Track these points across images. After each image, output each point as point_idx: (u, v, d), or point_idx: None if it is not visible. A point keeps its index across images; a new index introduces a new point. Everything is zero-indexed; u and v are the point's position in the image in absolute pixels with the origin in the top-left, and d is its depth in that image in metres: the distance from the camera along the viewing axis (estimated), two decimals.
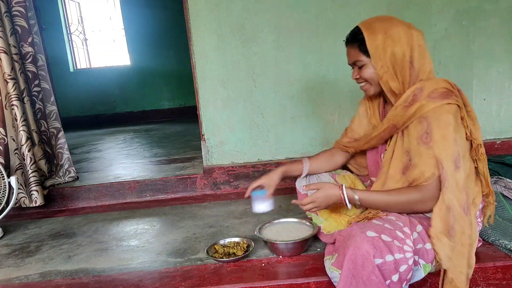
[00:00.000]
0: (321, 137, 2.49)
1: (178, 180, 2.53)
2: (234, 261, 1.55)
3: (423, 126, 1.27)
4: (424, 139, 1.26)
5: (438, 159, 1.23)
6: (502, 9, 2.34)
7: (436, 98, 1.25)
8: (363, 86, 1.43)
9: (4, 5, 2.29)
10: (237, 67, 2.40)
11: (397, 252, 1.15)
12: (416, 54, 1.30)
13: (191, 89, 2.59)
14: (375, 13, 2.29)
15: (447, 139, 1.23)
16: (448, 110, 1.24)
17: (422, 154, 1.27)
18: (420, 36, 1.31)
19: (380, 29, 1.30)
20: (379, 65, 1.32)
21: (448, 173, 1.22)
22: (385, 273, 1.14)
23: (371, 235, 1.16)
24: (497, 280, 1.39)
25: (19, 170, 2.39)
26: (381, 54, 1.30)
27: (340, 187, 1.36)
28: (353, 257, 1.14)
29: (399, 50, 1.29)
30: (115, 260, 1.70)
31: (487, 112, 2.46)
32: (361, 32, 1.33)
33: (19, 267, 1.72)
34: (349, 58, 1.41)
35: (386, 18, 1.35)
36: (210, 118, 2.46)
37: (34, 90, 2.51)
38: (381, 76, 1.33)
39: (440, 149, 1.23)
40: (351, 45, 1.37)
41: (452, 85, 1.29)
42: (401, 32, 1.29)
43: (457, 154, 1.22)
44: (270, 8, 2.33)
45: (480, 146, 1.30)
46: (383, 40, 1.29)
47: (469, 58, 2.40)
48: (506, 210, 1.74)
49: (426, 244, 1.26)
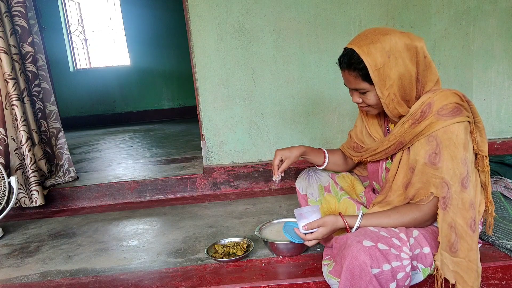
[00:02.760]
0: (321, 137, 2.49)
1: (178, 180, 2.53)
2: (234, 261, 1.55)
3: (432, 145, 1.20)
4: (433, 159, 1.20)
5: (445, 180, 1.18)
6: (502, 9, 2.34)
7: (446, 115, 1.17)
8: (365, 108, 1.33)
9: (4, 5, 2.29)
10: (237, 67, 2.40)
11: (394, 260, 1.14)
12: (422, 68, 1.21)
13: (191, 89, 2.59)
14: (374, 13, 2.33)
15: (457, 160, 1.17)
16: (459, 129, 1.16)
17: (427, 173, 1.22)
18: (424, 47, 1.20)
19: (381, 53, 1.17)
20: (385, 94, 1.21)
21: (453, 194, 1.17)
22: (382, 282, 1.13)
23: (368, 245, 1.14)
24: (497, 280, 1.39)
25: (19, 170, 2.39)
26: (387, 82, 1.19)
27: (342, 218, 1.29)
28: (351, 267, 1.13)
29: (405, 72, 1.19)
30: (115, 260, 1.70)
31: (487, 112, 2.46)
32: (359, 58, 1.19)
33: (19, 267, 1.72)
34: (348, 84, 1.30)
35: (382, 33, 1.20)
36: (210, 118, 2.46)
37: (34, 90, 2.51)
38: (388, 104, 1.24)
39: (448, 170, 1.17)
40: (348, 71, 1.24)
41: (461, 98, 1.21)
42: (403, 51, 1.18)
43: (465, 174, 1.17)
44: (270, 9, 2.34)
45: (485, 158, 1.25)
46: (386, 66, 1.17)
47: (469, 58, 2.40)
48: (506, 210, 1.74)
49: (423, 248, 1.25)
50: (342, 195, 1.62)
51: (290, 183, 2.48)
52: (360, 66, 1.20)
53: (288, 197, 2.29)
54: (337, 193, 1.63)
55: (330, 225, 1.29)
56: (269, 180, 2.49)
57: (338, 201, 1.61)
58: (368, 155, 1.44)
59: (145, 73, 6.15)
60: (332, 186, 1.64)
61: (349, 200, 1.59)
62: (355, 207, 1.58)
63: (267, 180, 2.50)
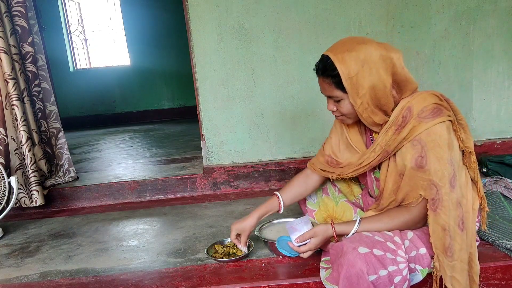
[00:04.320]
0: (321, 137, 2.48)
1: (178, 180, 2.53)
2: (234, 261, 1.55)
3: (417, 149, 1.19)
4: (419, 163, 1.19)
5: (434, 182, 1.18)
6: (502, 9, 2.34)
7: (427, 117, 1.17)
8: (340, 118, 1.33)
9: (4, 5, 2.29)
10: (237, 67, 2.40)
11: (390, 265, 1.15)
12: (399, 78, 1.21)
13: (191, 89, 2.59)
14: (374, 13, 2.33)
15: (443, 160, 1.17)
16: (441, 130, 1.17)
17: (415, 177, 1.21)
18: (400, 58, 1.20)
19: (355, 62, 1.17)
20: (358, 103, 1.22)
21: (443, 195, 1.17)
22: (380, 287, 1.14)
23: (363, 252, 1.15)
24: (497, 280, 1.39)
25: (20, 170, 2.39)
26: (359, 90, 1.19)
27: (332, 226, 1.30)
28: (348, 275, 1.13)
29: (379, 82, 1.19)
30: (115, 260, 1.70)
31: (487, 112, 2.46)
32: (333, 65, 1.19)
33: (19, 267, 1.72)
34: (323, 91, 1.29)
35: (360, 42, 1.21)
36: (210, 118, 2.46)
37: (34, 90, 2.51)
38: (361, 113, 1.24)
39: (436, 172, 1.17)
40: (323, 78, 1.25)
41: (440, 98, 1.22)
42: (378, 61, 1.17)
43: (452, 174, 1.18)
44: (270, 9, 2.34)
45: (472, 154, 1.24)
46: (360, 74, 1.17)
47: (469, 58, 2.40)
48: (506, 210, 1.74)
49: (419, 249, 1.24)
50: (340, 197, 1.62)
51: None
52: (333, 73, 1.20)
53: None
54: (334, 196, 1.63)
55: (321, 234, 1.31)
56: (269, 180, 2.49)
57: (336, 204, 1.62)
58: (351, 170, 1.38)
59: (145, 73, 6.15)
60: (330, 188, 1.64)
61: (346, 204, 1.60)
62: (352, 211, 1.58)
63: (267, 180, 2.50)
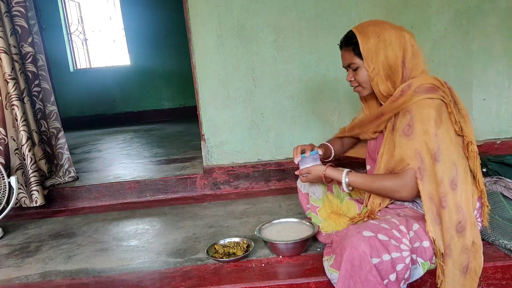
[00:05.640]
0: (321, 137, 2.49)
1: (178, 180, 2.53)
2: (234, 261, 1.55)
3: (407, 118, 1.31)
4: (406, 131, 1.30)
5: (418, 151, 1.27)
6: (501, 8, 2.34)
7: (421, 92, 1.29)
8: (356, 88, 1.48)
9: (4, 5, 2.29)
10: (237, 67, 2.40)
11: (394, 251, 1.16)
12: (409, 54, 1.35)
13: (191, 89, 2.59)
14: (374, 13, 2.33)
15: (428, 133, 1.26)
16: (430, 104, 1.27)
17: (402, 145, 1.31)
18: (412, 38, 1.36)
19: (373, 33, 1.35)
20: (371, 68, 1.37)
21: (427, 166, 1.26)
22: (382, 272, 1.15)
23: (368, 235, 1.17)
24: (497, 280, 1.39)
25: (20, 170, 2.39)
26: (374, 57, 1.35)
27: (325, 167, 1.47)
28: (350, 257, 1.15)
29: (391, 53, 1.34)
30: (115, 260, 1.70)
31: (487, 112, 2.46)
32: (355, 36, 1.38)
33: (19, 267, 1.72)
34: (344, 61, 1.46)
35: (379, 22, 1.40)
36: (210, 118, 2.46)
37: (34, 90, 2.51)
38: (373, 78, 1.38)
39: (421, 142, 1.26)
40: (345, 48, 1.42)
41: (441, 82, 1.33)
42: (392, 35, 1.34)
43: (436, 149, 1.25)
44: (270, 9, 2.34)
45: (471, 143, 1.32)
46: (375, 44, 1.34)
47: (469, 58, 2.40)
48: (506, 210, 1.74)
49: (423, 242, 1.26)
50: (345, 195, 1.64)
51: (290, 183, 2.48)
52: (353, 41, 1.38)
53: (288, 197, 2.29)
54: (339, 194, 1.64)
55: (314, 172, 1.50)
56: (269, 180, 2.49)
57: (341, 202, 1.63)
58: (357, 127, 1.59)
59: (145, 73, 6.14)
60: (335, 186, 1.65)
61: (351, 201, 1.62)
62: (357, 207, 1.60)
63: (267, 180, 2.50)
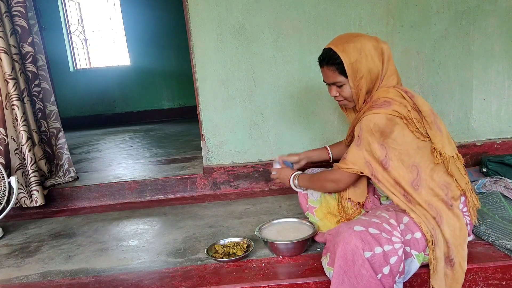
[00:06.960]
0: (321, 137, 2.49)
1: (178, 180, 2.53)
2: (234, 261, 1.55)
3: (357, 130, 1.40)
4: (356, 141, 1.40)
5: (367, 160, 1.38)
6: (502, 9, 2.34)
7: (373, 107, 1.38)
8: (341, 102, 1.55)
9: (4, 5, 2.29)
10: (237, 67, 2.40)
11: (386, 244, 1.18)
12: (385, 67, 1.42)
13: (191, 89, 2.59)
14: (374, 13, 2.33)
15: (373, 145, 1.35)
16: (379, 119, 1.34)
17: (352, 151, 1.41)
18: (388, 49, 1.42)
19: (354, 51, 1.39)
20: (355, 85, 1.43)
21: (378, 172, 1.37)
22: (375, 266, 1.16)
23: (359, 229, 1.20)
24: (497, 280, 1.39)
25: (20, 170, 2.39)
26: (358, 74, 1.41)
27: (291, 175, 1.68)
28: (343, 252, 1.17)
29: (373, 67, 1.40)
30: (115, 260, 1.70)
31: (487, 112, 2.46)
32: (337, 55, 1.40)
33: (19, 267, 1.72)
34: (327, 79, 1.50)
35: (355, 36, 1.43)
36: (210, 118, 2.46)
37: (34, 90, 2.51)
38: (357, 93, 1.45)
39: (368, 151, 1.37)
40: (328, 67, 1.46)
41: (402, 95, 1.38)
42: (371, 49, 1.39)
43: (383, 157, 1.35)
44: (270, 9, 2.33)
45: (436, 150, 1.36)
46: (358, 61, 1.39)
47: (469, 58, 2.40)
48: (506, 210, 1.74)
49: (415, 233, 1.29)
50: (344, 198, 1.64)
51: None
52: (337, 61, 1.41)
53: (288, 197, 2.29)
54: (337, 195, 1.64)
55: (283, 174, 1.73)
56: (269, 180, 2.49)
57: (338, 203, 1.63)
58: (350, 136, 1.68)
59: (145, 73, 6.14)
60: None
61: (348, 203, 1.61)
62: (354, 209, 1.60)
63: (267, 180, 2.50)
